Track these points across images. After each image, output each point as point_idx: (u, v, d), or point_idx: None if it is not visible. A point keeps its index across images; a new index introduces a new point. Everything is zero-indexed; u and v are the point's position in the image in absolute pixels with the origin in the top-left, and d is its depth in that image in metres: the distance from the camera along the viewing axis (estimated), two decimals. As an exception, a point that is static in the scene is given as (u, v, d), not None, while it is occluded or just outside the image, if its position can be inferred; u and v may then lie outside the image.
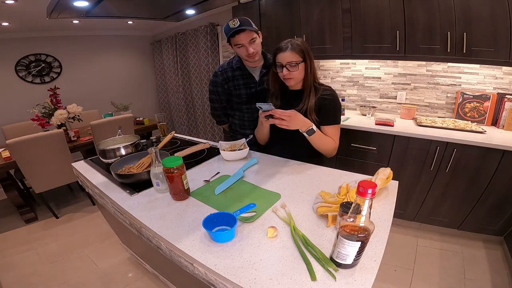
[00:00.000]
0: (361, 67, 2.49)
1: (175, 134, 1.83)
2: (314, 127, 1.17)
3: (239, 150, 1.39)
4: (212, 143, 1.66)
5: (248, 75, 1.43)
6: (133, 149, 1.44)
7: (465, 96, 2.01)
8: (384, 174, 1.01)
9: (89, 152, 2.86)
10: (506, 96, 1.86)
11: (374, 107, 2.39)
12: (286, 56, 1.14)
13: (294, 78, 1.18)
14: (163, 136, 1.78)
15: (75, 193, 3.08)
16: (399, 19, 1.89)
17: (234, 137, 1.63)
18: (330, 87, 1.26)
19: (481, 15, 1.61)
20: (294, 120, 1.12)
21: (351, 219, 0.60)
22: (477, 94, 1.97)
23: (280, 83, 1.28)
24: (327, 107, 1.22)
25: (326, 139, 1.24)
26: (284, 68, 1.15)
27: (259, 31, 1.33)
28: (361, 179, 1.09)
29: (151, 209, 0.97)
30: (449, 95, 2.13)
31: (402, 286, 1.61)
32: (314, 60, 1.22)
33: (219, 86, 1.48)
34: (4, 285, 1.79)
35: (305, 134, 1.17)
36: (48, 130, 2.42)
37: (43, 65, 3.73)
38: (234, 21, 1.24)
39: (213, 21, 3.44)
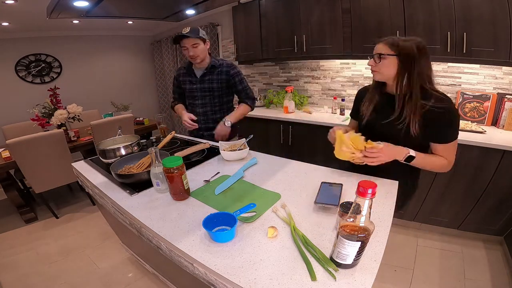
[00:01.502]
0: (361, 67, 2.49)
1: (175, 134, 1.84)
2: (413, 153, 1.02)
3: (239, 150, 1.39)
4: (212, 143, 1.66)
5: (192, 73, 1.72)
6: (133, 149, 1.44)
7: (465, 96, 2.01)
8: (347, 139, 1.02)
9: (89, 152, 2.86)
10: (506, 96, 1.86)
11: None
12: (377, 47, 1.07)
13: (379, 72, 1.07)
14: (163, 137, 1.78)
15: (75, 193, 3.08)
16: (399, 19, 1.89)
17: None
18: (446, 95, 1.01)
19: (481, 15, 1.61)
20: (386, 155, 1.02)
21: (351, 219, 0.60)
22: (477, 94, 1.96)
23: (380, 86, 1.15)
24: (438, 122, 1.00)
25: (432, 161, 1.06)
26: (372, 58, 1.07)
27: (206, 40, 1.63)
28: (361, 179, 1.09)
29: (151, 209, 0.97)
30: (449, 95, 2.13)
31: (402, 286, 1.61)
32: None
33: (175, 79, 1.85)
34: (4, 285, 1.79)
35: (404, 162, 1.05)
36: (48, 130, 2.42)
37: (43, 65, 3.73)
38: (186, 28, 1.54)
39: (213, 21, 3.44)
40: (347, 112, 2.49)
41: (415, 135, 1.02)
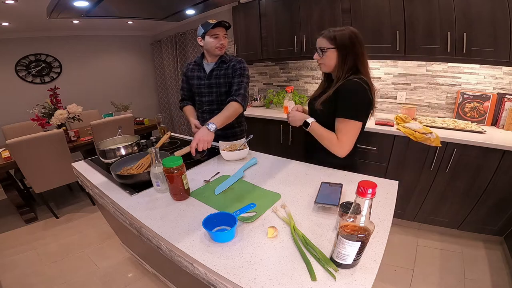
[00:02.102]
0: (361, 67, 2.49)
1: (173, 134, 1.83)
2: (310, 120, 1.20)
3: (239, 150, 1.39)
4: (211, 143, 1.66)
5: (202, 69, 1.67)
6: (133, 149, 1.44)
7: (465, 96, 2.01)
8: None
9: (89, 152, 2.86)
10: (506, 96, 1.86)
11: (374, 107, 2.39)
12: (318, 42, 1.17)
13: (324, 64, 1.18)
14: (163, 136, 1.78)
15: (75, 193, 3.08)
16: (399, 19, 1.89)
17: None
18: (361, 79, 1.10)
19: (481, 15, 1.61)
20: (293, 118, 1.28)
21: (351, 219, 0.60)
22: (477, 94, 1.96)
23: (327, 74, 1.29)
24: (340, 98, 1.11)
25: (322, 132, 1.18)
26: (316, 52, 1.19)
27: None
28: (361, 179, 1.09)
29: (151, 209, 0.97)
30: (449, 95, 2.13)
31: (402, 286, 1.61)
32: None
33: (184, 75, 1.77)
34: (4, 285, 1.79)
35: (303, 127, 1.25)
36: (48, 130, 2.42)
37: (43, 65, 3.73)
38: (213, 20, 1.51)
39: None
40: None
41: (324, 109, 1.17)
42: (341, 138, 1.13)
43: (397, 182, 1.07)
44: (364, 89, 1.09)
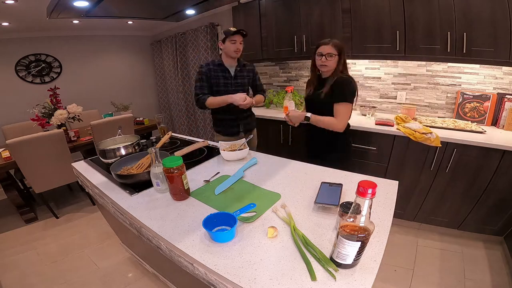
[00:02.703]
0: (361, 67, 2.49)
1: (173, 134, 1.83)
2: (309, 114, 1.51)
3: (239, 150, 1.39)
4: (212, 143, 1.66)
5: (226, 70, 1.89)
6: (133, 149, 1.44)
7: (465, 96, 2.01)
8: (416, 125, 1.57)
9: (89, 152, 2.86)
10: (506, 96, 1.86)
11: (374, 107, 2.39)
12: (326, 48, 1.45)
13: (328, 66, 1.47)
14: (163, 137, 1.78)
15: (75, 193, 3.08)
16: (399, 19, 1.89)
17: (214, 124, 2.08)
18: (348, 75, 1.52)
19: (481, 15, 1.61)
20: (293, 117, 1.56)
21: (351, 219, 0.60)
22: (477, 94, 1.96)
23: (317, 73, 1.61)
24: (336, 87, 1.46)
25: (322, 119, 1.49)
26: (323, 57, 1.45)
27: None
28: (361, 179, 1.09)
29: (151, 209, 0.97)
30: (449, 95, 2.13)
31: (402, 286, 1.61)
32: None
33: (204, 74, 1.87)
34: (4, 285, 1.79)
35: (305, 122, 1.53)
36: (48, 130, 2.42)
37: (43, 65, 3.73)
38: (234, 28, 1.81)
39: (213, 21, 3.44)
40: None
41: (327, 99, 1.49)
42: (339, 117, 1.48)
43: (397, 182, 1.07)
44: (351, 81, 1.48)
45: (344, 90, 1.46)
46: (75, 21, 3.29)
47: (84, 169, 1.40)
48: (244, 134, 2.05)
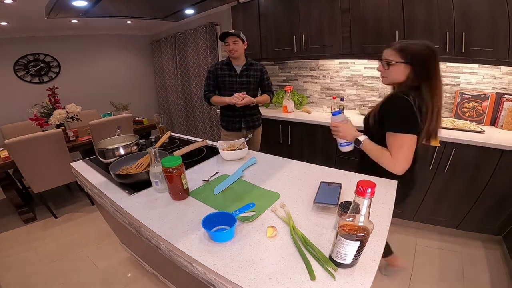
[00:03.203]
0: (360, 66, 2.49)
1: (172, 134, 1.83)
2: (362, 138, 1.11)
3: (238, 149, 1.39)
4: (211, 142, 1.66)
5: (232, 69, 2.02)
6: (132, 149, 1.44)
7: (463, 95, 2.02)
8: None
9: (88, 152, 2.85)
10: (505, 96, 1.86)
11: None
12: (386, 53, 1.10)
13: (387, 77, 1.11)
14: (162, 136, 1.78)
15: (74, 193, 3.08)
16: (398, 18, 1.89)
17: (223, 121, 2.22)
18: (407, 94, 1.02)
19: (480, 15, 1.62)
20: (343, 131, 1.15)
21: (350, 219, 0.60)
22: (475, 93, 1.97)
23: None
24: (386, 111, 1.07)
25: (375, 149, 1.09)
26: (380, 63, 1.13)
27: (245, 40, 1.98)
28: (360, 178, 1.09)
29: (150, 209, 0.97)
30: (447, 94, 2.14)
31: (402, 286, 1.62)
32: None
33: (211, 73, 2.06)
34: (3, 285, 1.78)
35: (354, 144, 1.16)
36: (47, 130, 2.41)
37: (41, 64, 3.72)
38: (231, 30, 1.92)
39: (212, 21, 3.43)
40: (347, 112, 2.49)
41: (372, 124, 1.12)
42: (395, 154, 1.03)
43: (396, 181, 1.07)
44: (406, 101, 1.00)
45: (394, 116, 1.04)
46: (74, 21, 3.28)
47: (83, 169, 1.40)
48: (246, 131, 2.18)
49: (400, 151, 1.02)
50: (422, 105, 1.01)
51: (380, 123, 1.08)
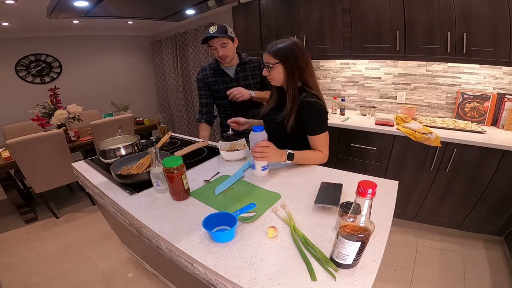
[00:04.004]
0: (361, 67, 2.49)
1: (173, 134, 1.83)
2: (291, 151, 1.18)
3: (238, 150, 1.39)
4: (212, 143, 1.66)
5: (224, 73, 1.66)
6: (133, 149, 1.44)
7: (465, 96, 2.01)
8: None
9: (89, 152, 2.86)
10: (506, 96, 1.86)
11: (374, 107, 2.39)
12: (264, 57, 1.19)
13: (273, 79, 1.20)
14: (163, 136, 1.78)
15: (75, 193, 3.08)
16: (399, 19, 1.89)
17: (223, 131, 1.84)
18: (315, 93, 1.18)
19: (481, 15, 1.61)
20: (271, 152, 1.12)
21: (351, 219, 0.60)
22: (477, 94, 1.96)
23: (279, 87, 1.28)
24: (307, 116, 1.18)
25: (310, 155, 1.23)
26: (265, 69, 1.20)
27: (234, 38, 1.59)
28: (361, 179, 1.09)
29: (151, 209, 0.97)
30: (449, 95, 2.13)
31: (402, 286, 1.61)
32: (314, 60, 1.22)
33: (200, 82, 1.71)
34: (4, 285, 1.79)
35: (288, 162, 1.18)
36: (48, 130, 2.42)
37: (43, 65, 3.73)
38: (214, 27, 1.49)
39: (213, 21, 3.44)
40: (347, 112, 2.49)
41: (291, 128, 1.19)
42: (324, 151, 1.24)
43: (397, 182, 1.07)
44: (323, 106, 1.19)
45: (319, 119, 1.20)
46: (75, 21, 3.29)
47: (84, 169, 1.40)
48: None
49: (326, 146, 1.24)
50: (321, 97, 1.20)
51: (299, 127, 1.20)
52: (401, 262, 1.79)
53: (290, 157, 1.17)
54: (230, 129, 1.48)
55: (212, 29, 1.49)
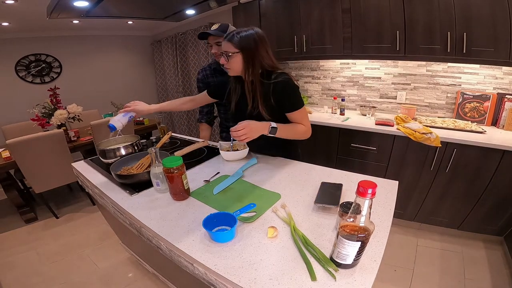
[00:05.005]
0: (361, 67, 2.49)
1: (173, 134, 1.83)
2: (274, 124, 1.15)
3: (238, 150, 1.39)
4: (212, 143, 1.66)
5: (224, 73, 1.55)
6: (133, 149, 1.44)
7: (465, 96, 2.01)
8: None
9: (89, 152, 2.86)
10: (506, 96, 1.86)
11: (374, 107, 2.39)
12: (224, 45, 1.14)
13: (231, 68, 1.17)
14: (163, 136, 1.78)
15: (75, 193, 3.08)
16: (399, 19, 1.89)
17: (222, 131, 1.82)
18: (283, 71, 1.18)
19: (481, 15, 1.61)
20: (251, 130, 1.10)
21: (351, 219, 0.60)
22: (477, 94, 1.96)
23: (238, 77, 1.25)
24: (284, 95, 1.16)
25: (293, 128, 1.21)
26: (222, 57, 1.15)
27: None
28: (361, 179, 1.09)
29: (151, 209, 0.97)
30: (449, 95, 2.13)
31: (402, 286, 1.61)
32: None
33: (201, 82, 1.69)
34: (4, 285, 1.79)
35: (270, 135, 1.16)
36: (48, 130, 2.42)
37: (43, 65, 3.73)
38: (216, 24, 1.48)
39: (213, 21, 3.43)
40: (347, 112, 2.49)
41: (268, 117, 1.17)
42: (306, 123, 1.24)
43: (397, 182, 1.07)
44: (292, 81, 1.17)
45: (295, 95, 1.19)
46: (75, 21, 3.29)
47: (84, 169, 1.40)
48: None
49: (307, 119, 1.24)
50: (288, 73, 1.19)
51: (277, 108, 1.18)
52: (401, 262, 1.79)
53: (273, 131, 1.14)
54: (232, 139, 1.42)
55: (214, 27, 1.49)
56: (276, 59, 1.20)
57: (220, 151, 1.37)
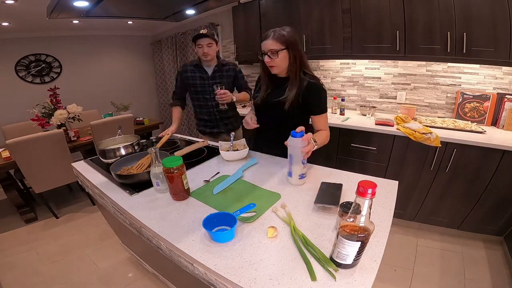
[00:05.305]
0: (361, 67, 2.49)
1: (174, 134, 1.83)
2: (312, 137, 1.14)
3: (237, 150, 1.39)
4: (212, 143, 1.66)
5: (203, 70, 1.89)
6: (133, 149, 1.44)
7: (465, 96, 2.01)
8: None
9: (89, 152, 2.86)
10: (506, 96, 1.86)
11: (374, 107, 2.39)
12: (268, 44, 1.18)
13: (276, 65, 1.22)
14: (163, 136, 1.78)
15: (75, 193, 3.08)
16: (399, 19, 1.89)
17: (199, 125, 2.09)
18: (316, 76, 1.28)
19: (481, 15, 1.61)
20: (310, 150, 1.06)
21: (351, 219, 0.60)
22: (477, 94, 1.96)
23: (268, 72, 1.31)
24: (315, 97, 1.25)
25: (323, 136, 1.27)
26: (266, 56, 1.21)
27: (218, 43, 1.91)
28: (361, 179, 1.09)
29: (151, 209, 0.97)
30: (449, 95, 2.13)
31: (402, 286, 1.61)
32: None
33: (179, 74, 1.97)
34: (4, 285, 1.79)
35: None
36: (48, 130, 2.42)
37: (43, 65, 3.73)
38: (204, 30, 1.84)
39: (213, 21, 3.44)
40: (347, 112, 2.49)
41: (294, 110, 1.24)
42: (327, 128, 1.34)
43: (397, 182, 1.07)
44: (323, 88, 1.27)
45: (322, 100, 1.28)
46: (75, 21, 3.29)
47: (84, 169, 1.40)
48: (226, 134, 2.02)
49: (327, 124, 1.35)
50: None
51: (301, 107, 1.25)
52: (401, 262, 1.79)
53: (315, 142, 1.15)
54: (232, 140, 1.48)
55: (203, 31, 1.79)
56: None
57: (220, 151, 1.37)
